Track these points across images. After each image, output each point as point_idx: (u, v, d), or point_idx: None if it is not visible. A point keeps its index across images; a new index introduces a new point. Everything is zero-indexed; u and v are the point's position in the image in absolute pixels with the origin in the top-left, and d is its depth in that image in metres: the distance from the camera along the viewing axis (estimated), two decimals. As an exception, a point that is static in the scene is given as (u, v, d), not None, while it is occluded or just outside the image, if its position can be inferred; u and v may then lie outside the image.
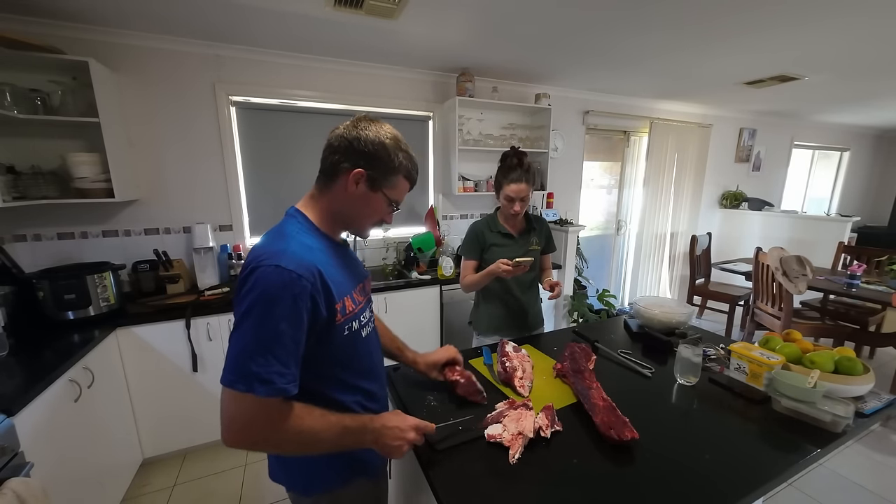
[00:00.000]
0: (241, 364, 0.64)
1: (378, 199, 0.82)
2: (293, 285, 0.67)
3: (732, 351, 1.19)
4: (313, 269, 0.71)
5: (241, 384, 0.64)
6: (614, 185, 4.02)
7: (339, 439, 0.74)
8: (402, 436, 0.79)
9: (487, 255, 1.58)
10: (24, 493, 0.95)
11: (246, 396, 0.64)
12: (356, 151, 0.77)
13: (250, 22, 1.92)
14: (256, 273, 0.67)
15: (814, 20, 1.93)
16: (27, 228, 2.02)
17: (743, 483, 0.80)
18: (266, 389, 0.64)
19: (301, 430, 0.69)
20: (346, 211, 0.83)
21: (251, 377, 0.64)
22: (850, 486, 1.91)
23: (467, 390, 1.07)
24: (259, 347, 0.65)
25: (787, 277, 2.63)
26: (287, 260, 0.68)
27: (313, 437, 0.71)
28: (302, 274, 0.68)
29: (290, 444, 0.70)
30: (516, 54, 2.43)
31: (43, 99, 1.84)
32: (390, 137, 0.80)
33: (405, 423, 0.81)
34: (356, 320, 0.82)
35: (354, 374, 0.84)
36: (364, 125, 0.79)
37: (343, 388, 0.82)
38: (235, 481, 1.96)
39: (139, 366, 1.88)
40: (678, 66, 2.67)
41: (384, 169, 0.80)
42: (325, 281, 0.73)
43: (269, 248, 0.72)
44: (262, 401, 0.65)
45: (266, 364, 0.65)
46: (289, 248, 0.71)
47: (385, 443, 0.78)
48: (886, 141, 6.04)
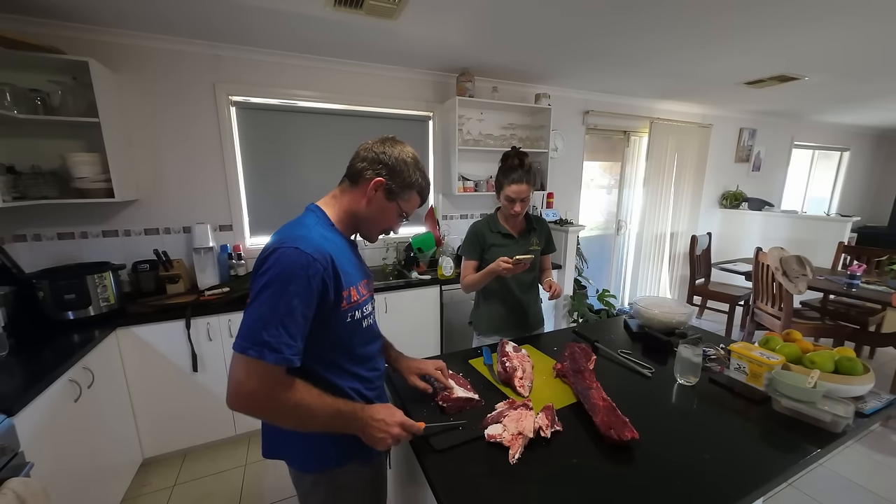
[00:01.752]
0: (255, 332, 0.71)
1: (392, 208, 0.92)
2: (309, 266, 0.74)
3: (732, 351, 1.19)
4: (327, 256, 0.78)
5: (253, 350, 0.70)
6: (614, 185, 4.02)
7: (331, 420, 0.79)
8: (387, 430, 0.83)
9: (488, 256, 1.58)
10: (24, 493, 0.95)
11: (256, 362, 0.70)
12: (380, 163, 0.88)
13: (250, 22, 1.92)
14: (277, 252, 0.74)
15: (814, 20, 1.93)
16: (27, 228, 2.03)
17: (743, 483, 0.80)
18: (275, 357, 0.71)
19: (299, 404, 0.75)
20: (362, 213, 0.91)
21: (263, 345, 0.70)
22: (850, 486, 1.91)
23: (457, 406, 1.05)
24: (273, 318, 0.71)
25: (787, 277, 2.63)
26: (305, 244, 0.76)
27: (309, 413, 0.76)
28: (317, 258, 0.76)
29: (287, 415, 0.76)
30: (516, 54, 2.43)
31: (43, 99, 1.84)
32: (411, 157, 0.92)
33: (392, 417, 0.85)
34: (359, 310, 0.88)
35: (352, 360, 0.90)
36: (391, 144, 0.91)
37: (341, 372, 0.87)
38: (235, 481, 1.96)
39: (139, 366, 1.88)
40: (678, 66, 2.67)
41: (402, 182, 0.90)
42: (336, 268, 0.80)
43: (289, 233, 0.80)
44: (270, 368, 0.71)
45: (277, 335, 0.71)
46: (307, 235, 0.79)
47: (370, 433, 0.82)
48: (886, 141, 6.04)
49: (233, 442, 2.22)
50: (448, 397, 1.04)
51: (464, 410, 1.05)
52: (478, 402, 1.07)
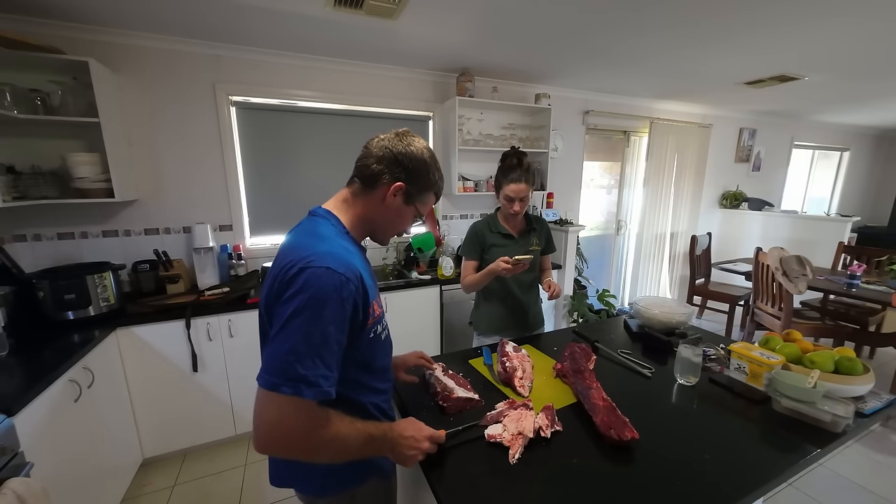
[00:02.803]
0: (288, 366, 0.63)
1: (409, 211, 0.86)
2: (342, 288, 0.68)
3: (732, 351, 1.19)
4: (357, 273, 0.72)
5: (288, 387, 0.62)
6: (614, 185, 4.02)
7: (363, 447, 0.74)
8: (417, 446, 0.80)
9: (488, 256, 1.58)
10: (24, 493, 0.95)
11: (291, 400, 0.63)
12: (400, 165, 0.81)
13: (250, 22, 1.92)
14: (306, 273, 0.66)
15: (814, 20, 1.93)
16: (27, 228, 2.03)
17: (743, 483, 0.80)
18: (313, 392, 0.64)
19: (336, 437, 0.69)
20: (378, 219, 0.85)
21: (299, 380, 0.63)
22: (850, 486, 1.91)
23: (457, 406, 1.05)
24: (308, 350, 0.64)
25: (787, 277, 2.63)
26: (336, 262, 0.69)
27: (344, 445, 0.71)
28: (350, 278, 0.69)
29: (324, 451, 0.69)
30: (516, 54, 2.43)
31: (43, 99, 1.84)
32: (429, 155, 0.85)
33: (420, 433, 0.82)
34: (380, 324, 0.84)
35: (372, 375, 0.85)
36: (409, 140, 0.83)
37: (361, 389, 0.82)
38: (235, 481, 1.96)
39: (139, 366, 1.88)
40: (678, 66, 2.67)
41: (421, 185, 0.84)
42: (364, 285, 0.74)
43: (313, 248, 0.71)
44: (306, 404, 0.64)
45: (314, 367, 0.64)
46: (333, 251, 0.71)
47: (401, 452, 0.79)
48: (886, 141, 6.04)
49: (233, 442, 2.22)
50: (448, 397, 1.04)
51: (464, 410, 1.05)
52: (478, 402, 1.07)
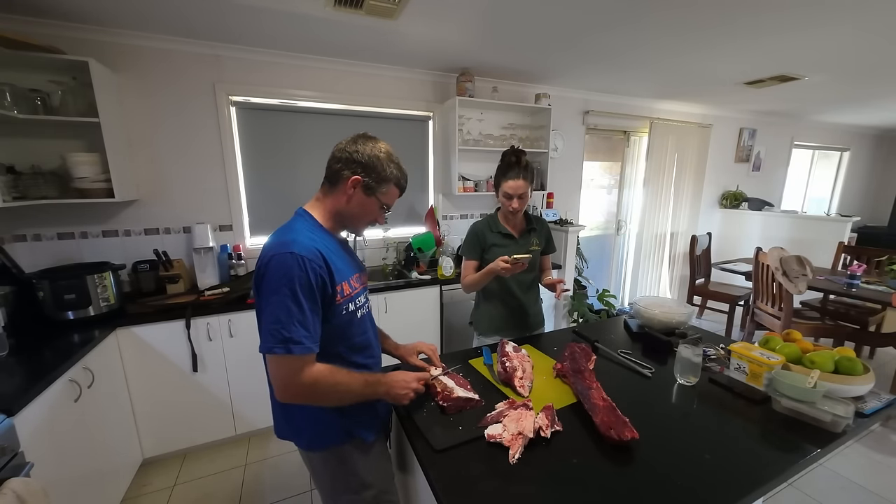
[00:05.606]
0: (276, 332, 0.81)
1: (372, 202, 0.98)
2: (305, 264, 0.84)
3: (732, 351, 1.19)
4: (318, 253, 0.87)
5: (280, 348, 0.81)
6: (614, 185, 4.02)
7: (363, 389, 0.92)
8: (408, 385, 0.98)
9: (488, 256, 1.58)
10: (24, 493, 0.95)
11: (286, 357, 0.81)
12: (354, 162, 0.94)
13: (250, 22, 1.92)
14: (275, 260, 0.83)
15: (814, 21, 1.93)
16: (27, 228, 2.02)
17: (743, 483, 0.80)
18: (300, 348, 0.82)
19: (337, 382, 0.88)
20: (345, 211, 0.98)
21: (287, 341, 0.81)
22: (850, 486, 1.91)
23: (457, 406, 1.05)
24: (288, 318, 0.81)
25: (787, 277, 2.63)
26: (298, 247, 0.85)
27: (346, 388, 0.90)
28: (311, 258, 0.85)
29: (330, 394, 0.89)
30: (516, 54, 2.43)
31: (43, 99, 1.83)
32: (384, 152, 0.97)
33: (409, 376, 1.01)
34: (352, 302, 0.98)
35: (352, 349, 0.99)
36: (362, 141, 0.96)
37: (343, 363, 0.95)
38: (235, 481, 1.96)
39: (139, 366, 1.88)
40: (678, 66, 2.67)
41: (378, 177, 0.96)
42: (328, 264, 0.89)
43: (280, 239, 0.88)
44: (299, 358, 0.82)
45: (296, 330, 0.82)
46: (297, 239, 0.87)
47: (396, 392, 0.96)
48: (886, 141, 6.04)
49: (233, 442, 2.22)
50: (448, 397, 1.04)
51: (464, 410, 1.05)
52: (478, 402, 1.07)
